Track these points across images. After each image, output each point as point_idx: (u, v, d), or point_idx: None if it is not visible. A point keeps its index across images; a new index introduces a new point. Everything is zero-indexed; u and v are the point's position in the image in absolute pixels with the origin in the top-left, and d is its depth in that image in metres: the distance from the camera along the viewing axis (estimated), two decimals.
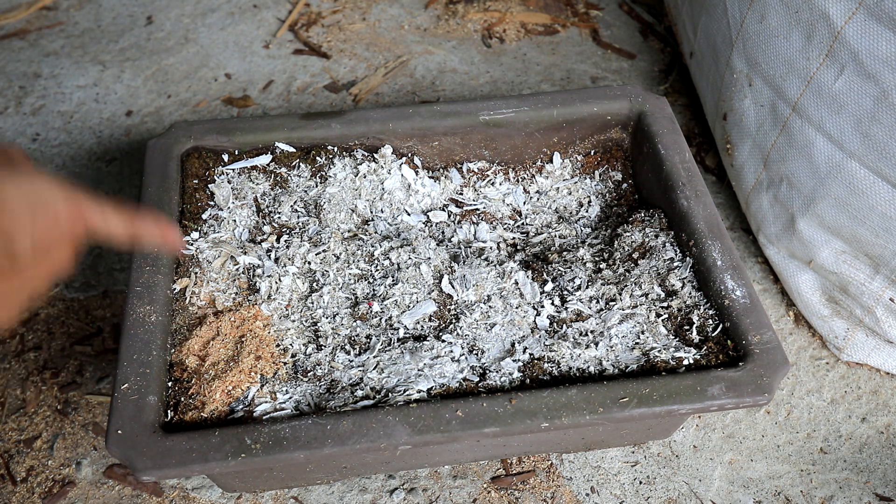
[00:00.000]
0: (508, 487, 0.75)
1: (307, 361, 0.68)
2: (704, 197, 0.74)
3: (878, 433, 0.80)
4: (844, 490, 0.76)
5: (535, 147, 0.84)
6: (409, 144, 0.82)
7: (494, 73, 1.14)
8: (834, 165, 0.75)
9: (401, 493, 0.75)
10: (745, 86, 0.85)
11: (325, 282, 0.73)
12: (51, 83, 1.12)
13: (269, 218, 0.78)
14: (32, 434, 0.78)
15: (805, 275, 0.84)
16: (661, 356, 0.65)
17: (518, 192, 0.84)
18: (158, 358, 0.64)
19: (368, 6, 1.25)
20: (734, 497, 0.76)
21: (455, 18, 1.22)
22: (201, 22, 1.21)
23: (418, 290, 0.72)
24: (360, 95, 1.11)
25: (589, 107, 0.82)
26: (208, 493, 0.75)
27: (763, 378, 0.62)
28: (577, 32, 1.21)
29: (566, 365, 0.66)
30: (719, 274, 0.68)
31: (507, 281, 0.74)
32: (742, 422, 0.80)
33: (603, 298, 0.72)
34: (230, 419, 0.63)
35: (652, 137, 0.79)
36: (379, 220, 0.80)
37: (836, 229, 0.78)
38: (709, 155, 1.04)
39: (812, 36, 0.74)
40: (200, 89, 1.11)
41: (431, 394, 0.64)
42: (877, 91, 0.69)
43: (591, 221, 0.82)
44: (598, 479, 0.76)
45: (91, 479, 0.76)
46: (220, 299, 0.71)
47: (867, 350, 0.82)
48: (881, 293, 0.77)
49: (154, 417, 0.60)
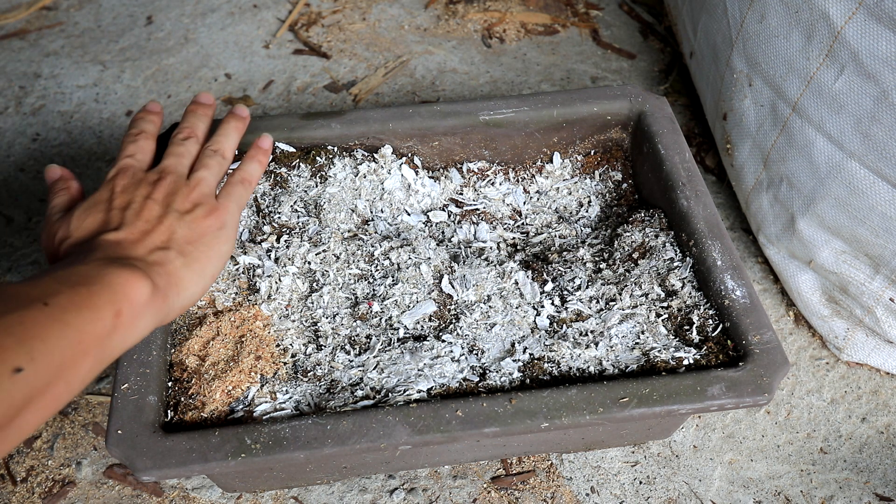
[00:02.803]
0: (508, 487, 0.75)
1: (307, 361, 0.69)
2: (704, 197, 0.74)
3: (879, 433, 0.80)
4: (844, 490, 0.76)
5: (535, 147, 0.84)
6: (409, 144, 0.82)
7: (494, 73, 1.14)
8: (834, 165, 0.75)
9: (401, 493, 0.75)
10: (745, 86, 0.85)
11: (325, 282, 0.73)
12: (51, 83, 1.12)
13: (269, 218, 0.78)
14: (32, 434, 0.78)
15: (805, 275, 0.84)
16: (661, 356, 0.65)
17: (518, 192, 0.84)
18: (158, 358, 0.64)
19: (368, 6, 1.25)
20: (734, 497, 0.76)
21: (455, 18, 1.22)
22: (201, 22, 1.21)
23: (418, 290, 0.72)
24: (360, 95, 1.11)
25: (589, 107, 0.82)
26: (208, 493, 0.75)
27: (763, 378, 0.62)
28: (577, 32, 1.21)
29: (566, 365, 0.66)
30: (719, 274, 0.68)
31: (507, 281, 0.74)
32: (742, 422, 0.80)
33: (603, 298, 0.72)
34: (230, 419, 0.63)
35: (652, 137, 0.79)
36: (379, 220, 0.80)
37: (836, 229, 0.78)
38: (709, 155, 1.04)
39: (812, 36, 0.74)
40: (200, 89, 1.11)
41: (431, 394, 0.64)
42: (877, 91, 0.69)
43: (591, 221, 0.82)
44: (598, 479, 0.76)
45: (91, 479, 0.76)
46: (220, 299, 0.72)
47: (867, 350, 0.82)
48: (881, 293, 0.77)
49: (154, 417, 0.60)
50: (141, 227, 0.52)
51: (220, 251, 0.55)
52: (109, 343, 0.45)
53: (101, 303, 0.45)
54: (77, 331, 0.42)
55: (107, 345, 0.45)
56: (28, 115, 1.07)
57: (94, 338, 0.43)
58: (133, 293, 0.46)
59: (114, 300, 0.45)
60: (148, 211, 0.53)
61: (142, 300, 0.47)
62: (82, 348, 0.43)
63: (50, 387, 0.41)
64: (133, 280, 0.47)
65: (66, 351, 0.42)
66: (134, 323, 0.47)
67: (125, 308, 0.46)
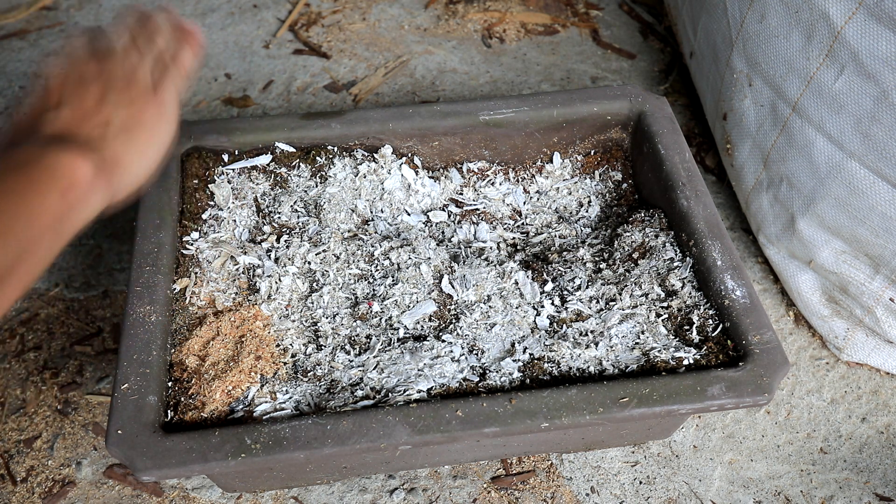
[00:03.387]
0: (508, 487, 0.75)
1: (307, 361, 0.68)
2: (704, 197, 0.74)
3: (878, 433, 0.80)
4: (844, 490, 0.76)
5: (535, 147, 0.84)
6: (409, 144, 0.82)
7: (494, 73, 1.14)
8: (834, 165, 0.75)
9: (401, 493, 0.75)
10: (745, 86, 0.85)
11: (325, 282, 0.73)
12: None
13: (269, 218, 0.78)
14: (32, 434, 0.78)
15: (805, 275, 0.84)
16: (661, 356, 0.65)
17: (518, 192, 0.84)
18: (158, 358, 0.64)
19: (368, 6, 1.25)
20: (734, 497, 0.76)
21: (455, 18, 1.22)
22: (201, 22, 1.21)
23: (418, 290, 0.72)
24: (360, 95, 1.11)
25: (589, 107, 0.82)
26: (208, 493, 0.75)
27: (763, 378, 0.62)
28: (577, 32, 1.21)
29: (566, 365, 0.66)
30: (719, 274, 0.68)
31: (507, 281, 0.74)
32: (742, 422, 0.80)
33: (603, 298, 0.72)
34: (230, 419, 0.63)
35: (652, 137, 0.79)
36: (379, 220, 0.80)
37: (836, 229, 0.78)
38: (709, 155, 1.04)
39: (812, 36, 0.74)
40: (200, 89, 1.11)
41: (431, 394, 0.64)
42: (877, 91, 0.69)
43: (591, 221, 0.82)
44: (598, 479, 0.76)
45: (91, 479, 0.76)
46: (220, 299, 0.71)
47: (867, 350, 0.82)
48: (881, 293, 0.77)
49: (154, 417, 0.60)
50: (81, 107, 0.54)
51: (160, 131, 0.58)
52: (61, 224, 0.47)
53: (45, 183, 0.47)
54: (28, 212, 0.45)
55: (59, 225, 0.47)
56: None
57: (45, 217, 0.46)
58: (76, 174, 0.49)
59: (58, 181, 0.47)
60: (88, 92, 0.55)
61: (85, 179, 0.49)
62: (37, 228, 0.45)
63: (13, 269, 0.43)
64: (75, 161, 0.49)
65: (23, 232, 0.44)
66: (81, 202, 0.49)
67: (70, 188, 0.48)
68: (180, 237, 0.74)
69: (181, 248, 0.73)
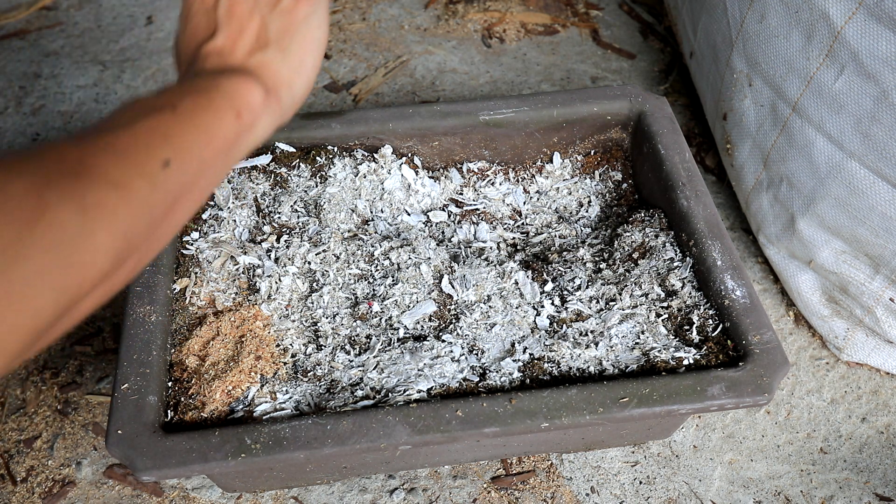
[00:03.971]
0: (508, 487, 0.75)
1: (307, 361, 0.68)
2: (704, 197, 0.74)
3: (878, 433, 0.80)
4: (844, 490, 0.76)
5: (535, 147, 0.84)
6: (409, 144, 0.82)
7: (494, 73, 1.14)
8: (834, 165, 0.75)
9: (401, 493, 0.75)
10: (745, 86, 0.85)
11: (325, 282, 0.73)
12: (51, 83, 1.12)
13: (269, 218, 0.78)
14: (32, 434, 0.78)
15: (805, 275, 0.84)
16: (661, 356, 0.65)
17: (518, 192, 0.84)
18: (158, 358, 0.64)
19: (368, 6, 1.25)
20: (734, 497, 0.76)
21: (455, 18, 1.22)
22: None
23: (418, 290, 0.72)
24: (360, 95, 1.11)
25: (589, 107, 0.82)
26: (208, 493, 0.75)
27: (763, 378, 0.62)
28: (577, 32, 1.21)
29: (566, 365, 0.66)
30: (719, 274, 0.68)
31: (507, 281, 0.74)
32: (742, 422, 0.80)
33: (603, 298, 0.72)
34: (230, 419, 0.63)
35: (652, 137, 0.79)
36: (379, 220, 0.80)
37: (836, 229, 0.78)
38: (709, 155, 1.04)
39: (812, 36, 0.74)
40: None
41: (431, 394, 0.64)
42: (877, 91, 0.69)
43: (591, 221, 0.82)
44: (598, 479, 0.76)
45: (91, 479, 0.76)
46: (220, 299, 0.71)
47: (867, 350, 0.82)
48: (881, 293, 0.77)
49: (154, 417, 0.60)
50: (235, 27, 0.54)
51: (315, 37, 0.57)
52: (236, 144, 0.48)
53: (222, 106, 0.48)
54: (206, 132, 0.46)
55: (233, 146, 0.48)
56: (28, 115, 1.07)
57: (221, 138, 0.47)
58: (248, 97, 0.49)
59: (232, 103, 0.48)
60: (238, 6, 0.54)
61: (257, 102, 0.50)
62: (213, 148, 0.46)
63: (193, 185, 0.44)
64: (245, 85, 0.50)
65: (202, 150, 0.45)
66: (254, 124, 0.50)
67: (244, 110, 0.49)
68: (180, 237, 0.74)
69: (181, 247, 0.73)
